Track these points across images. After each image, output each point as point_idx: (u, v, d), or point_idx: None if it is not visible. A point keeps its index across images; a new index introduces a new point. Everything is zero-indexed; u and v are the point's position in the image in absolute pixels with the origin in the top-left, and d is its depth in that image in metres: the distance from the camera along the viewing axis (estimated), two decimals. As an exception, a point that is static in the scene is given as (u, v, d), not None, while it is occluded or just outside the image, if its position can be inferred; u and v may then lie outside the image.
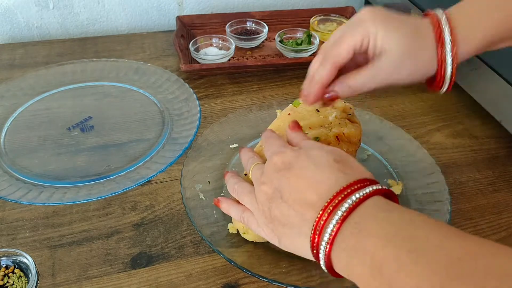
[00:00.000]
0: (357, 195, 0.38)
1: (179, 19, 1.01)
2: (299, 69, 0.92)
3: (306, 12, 1.06)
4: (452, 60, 0.47)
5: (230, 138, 0.73)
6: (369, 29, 0.47)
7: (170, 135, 0.75)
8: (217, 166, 0.68)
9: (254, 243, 0.58)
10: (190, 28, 1.02)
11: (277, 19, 1.05)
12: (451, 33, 0.47)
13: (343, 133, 0.59)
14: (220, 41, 0.95)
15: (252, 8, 1.12)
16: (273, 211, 0.44)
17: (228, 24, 0.99)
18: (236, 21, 1.01)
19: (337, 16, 1.03)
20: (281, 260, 0.56)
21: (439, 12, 0.48)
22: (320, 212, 0.39)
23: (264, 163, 0.48)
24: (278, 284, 0.53)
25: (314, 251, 0.40)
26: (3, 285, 0.50)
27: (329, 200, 0.39)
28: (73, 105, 0.81)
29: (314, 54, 0.95)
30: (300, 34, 0.98)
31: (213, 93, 0.86)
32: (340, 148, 0.49)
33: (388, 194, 0.40)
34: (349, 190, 0.39)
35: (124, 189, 0.65)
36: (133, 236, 0.60)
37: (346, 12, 1.06)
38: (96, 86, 0.85)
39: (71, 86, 0.85)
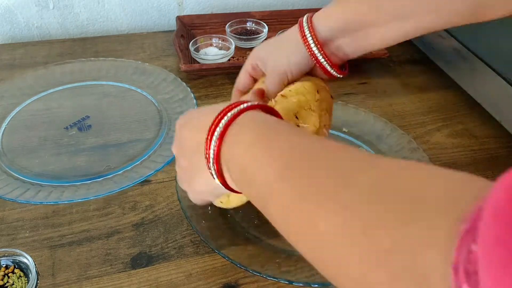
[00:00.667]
0: (234, 110, 0.41)
1: (179, 19, 1.01)
2: (299, 69, 0.92)
3: (306, 12, 1.05)
4: (313, 40, 0.54)
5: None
6: (254, 57, 0.59)
7: (168, 134, 0.75)
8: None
9: (254, 243, 0.58)
10: (190, 28, 1.02)
11: (277, 19, 1.05)
12: (309, 21, 0.55)
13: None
14: (220, 41, 0.95)
15: (252, 8, 1.12)
16: (182, 158, 0.48)
17: (228, 24, 0.99)
18: (236, 21, 1.01)
19: (337, 16, 1.03)
20: (279, 258, 0.56)
21: (306, 15, 0.57)
22: (206, 136, 0.42)
23: None
24: (275, 279, 0.53)
25: (210, 171, 0.43)
26: (3, 285, 0.50)
27: (212, 122, 0.42)
28: (72, 105, 0.81)
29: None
30: (300, 34, 0.98)
31: (213, 93, 0.86)
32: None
33: (269, 110, 0.44)
34: (228, 109, 0.42)
35: (122, 188, 0.65)
36: (133, 236, 0.60)
37: (346, 12, 1.06)
38: (95, 85, 0.85)
39: (70, 86, 0.85)
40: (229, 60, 0.92)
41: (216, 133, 0.41)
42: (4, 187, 0.65)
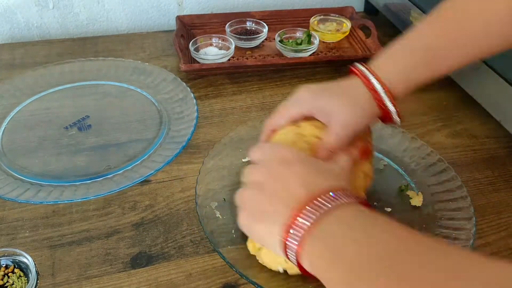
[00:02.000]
0: (339, 200, 0.40)
1: (179, 19, 1.01)
2: (299, 69, 0.92)
3: (306, 12, 1.06)
4: (382, 87, 0.54)
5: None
6: (308, 105, 0.55)
7: (168, 134, 0.75)
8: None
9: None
10: (190, 28, 1.02)
11: (277, 19, 1.05)
12: (369, 70, 0.54)
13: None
14: (220, 41, 0.95)
15: (252, 8, 1.12)
16: (257, 196, 0.45)
17: (228, 24, 0.99)
18: (236, 21, 1.01)
19: (337, 16, 1.03)
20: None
21: (356, 64, 0.56)
22: (303, 207, 0.40)
23: None
24: None
25: (285, 241, 0.41)
26: (3, 284, 0.50)
27: (312, 199, 0.41)
28: (72, 105, 0.81)
29: (314, 54, 0.95)
30: (300, 34, 0.98)
31: (213, 92, 0.86)
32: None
33: (364, 205, 0.42)
34: (331, 195, 0.41)
35: (121, 188, 0.65)
36: (133, 236, 0.60)
37: (346, 12, 1.06)
38: (95, 85, 0.85)
39: (70, 86, 0.85)
40: (229, 60, 0.92)
41: (313, 216, 0.40)
42: (4, 187, 0.65)
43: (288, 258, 0.42)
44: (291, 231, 0.40)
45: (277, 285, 0.53)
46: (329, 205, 0.40)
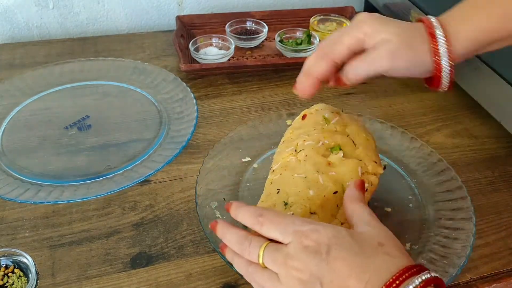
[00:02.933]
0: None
1: (179, 19, 1.01)
2: (299, 69, 0.91)
3: (306, 12, 1.06)
4: (447, 54, 0.49)
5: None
6: (365, 29, 0.50)
7: (168, 134, 0.75)
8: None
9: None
10: (190, 28, 1.02)
11: (277, 19, 1.05)
12: (443, 29, 0.49)
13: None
14: (220, 41, 0.95)
15: (252, 8, 1.12)
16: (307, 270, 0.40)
17: (228, 24, 0.99)
18: (236, 21, 1.01)
19: (337, 16, 1.03)
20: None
21: (430, 17, 0.51)
22: None
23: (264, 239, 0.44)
24: None
25: None
26: (3, 285, 0.50)
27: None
28: (72, 105, 0.81)
29: (314, 54, 0.95)
30: (300, 34, 0.98)
31: (213, 92, 0.86)
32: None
33: (437, 282, 0.39)
34: (397, 282, 0.37)
35: (122, 188, 0.65)
36: (133, 236, 0.60)
37: (346, 12, 1.06)
38: (95, 85, 0.85)
39: (70, 86, 0.84)
40: (229, 60, 0.92)
41: None
42: (4, 186, 0.65)
43: None
44: None
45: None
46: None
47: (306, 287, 0.40)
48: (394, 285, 0.37)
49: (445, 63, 0.49)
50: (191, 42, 0.92)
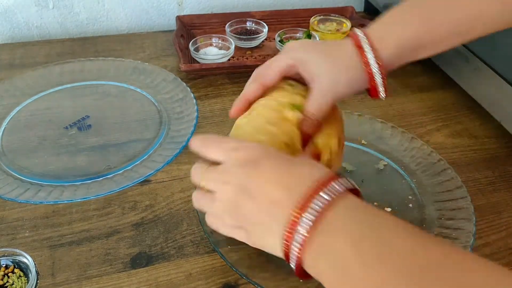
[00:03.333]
0: (328, 195, 0.38)
1: (179, 19, 1.01)
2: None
3: (306, 12, 1.06)
4: (377, 63, 0.51)
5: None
6: (296, 57, 0.53)
7: (168, 134, 0.75)
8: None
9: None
10: (190, 28, 1.02)
11: (277, 19, 1.05)
12: (368, 40, 0.51)
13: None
14: (220, 41, 0.95)
15: (252, 8, 1.12)
16: (241, 210, 0.42)
17: (228, 24, 0.99)
18: (236, 21, 1.01)
19: (337, 16, 1.03)
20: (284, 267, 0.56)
21: (356, 30, 0.53)
22: (294, 212, 0.38)
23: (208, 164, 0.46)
24: None
25: (285, 249, 0.40)
26: (3, 284, 0.50)
27: (300, 200, 0.38)
28: (72, 105, 0.81)
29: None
30: (300, 34, 0.98)
31: (213, 92, 0.86)
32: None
33: (355, 191, 0.41)
34: (319, 190, 0.39)
35: (122, 187, 0.65)
36: (133, 236, 0.60)
37: (346, 12, 1.06)
38: (95, 85, 0.85)
39: (70, 86, 0.84)
40: (229, 60, 0.92)
41: (309, 216, 0.37)
42: (4, 186, 0.65)
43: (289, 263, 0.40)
44: (296, 224, 0.38)
45: (277, 285, 0.53)
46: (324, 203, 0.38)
47: (236, 199, 0.42)
48: (315, 189, 0.38)
49: (375, 70, 0.52)
50: (191, 42, 0.92)
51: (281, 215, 0.39)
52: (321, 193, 0.38)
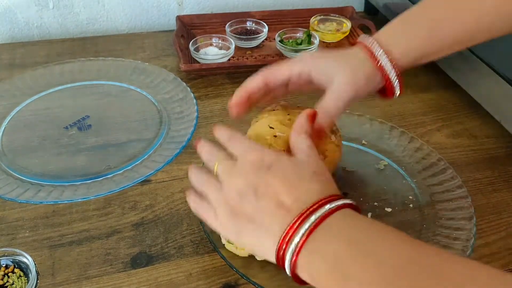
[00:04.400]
0: (330, 206, 0.40)
1: (179, 19, 1.01)
2: (299, 69, 0.92)
3: (306, 12, 1.06)
4: (391, 64, 0.53)
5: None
6: (308, 64, 0.55)
7: (168, 134, 0.75)
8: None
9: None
10: (190, 28, 1.02)
11: (277, 19, 1.05)
12: (379, 45, 0.53)
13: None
14: (220, 41, 0.95)
15: (252, 8, 1.12)
16: (244, 206, 0.43)
17: (228, 24, 0.99)
18: (236, 21, 1.01)
19: (337, 16, 1.03)
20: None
21: (363, 37, 0.55)
22: (295, 218, 0.40)
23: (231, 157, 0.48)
24: None
25: (280, 253, 0.40)
26: (3, 284, 0.50)
27: (305, 208, 0.40)
28: (72, 105, 0.81)
29: (314, 54, 0.95)
30: (300, 34, 0.98)
31: (213, 92, 0.86)
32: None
33: (356, 208, 0.42)
34: (323, 201, 0.41)
35: (122, 188, 0.65)
36: (133, 236, 0.60)
37: (346, 12, 1.06)
38: (95, 85, 0.85)
39: (70, 85, 0.84)
40: (229, 60, 0.92)
41: (309, 222, 0.39)
42: (4, 186, 0.65)
43: (284, 269, 0.41)
44: (287, 245, 0.40)
45: (277, 285, 0.53)
46: (321, 214, 0.40)
47: (241, 195, 0.43)
48: (316, 205, 0.40)
49: (390, 71, 0.54)
50: (191, 42, 0.92)
51: (283, 218, 0.41)
52: (325, 206, 0.40)
